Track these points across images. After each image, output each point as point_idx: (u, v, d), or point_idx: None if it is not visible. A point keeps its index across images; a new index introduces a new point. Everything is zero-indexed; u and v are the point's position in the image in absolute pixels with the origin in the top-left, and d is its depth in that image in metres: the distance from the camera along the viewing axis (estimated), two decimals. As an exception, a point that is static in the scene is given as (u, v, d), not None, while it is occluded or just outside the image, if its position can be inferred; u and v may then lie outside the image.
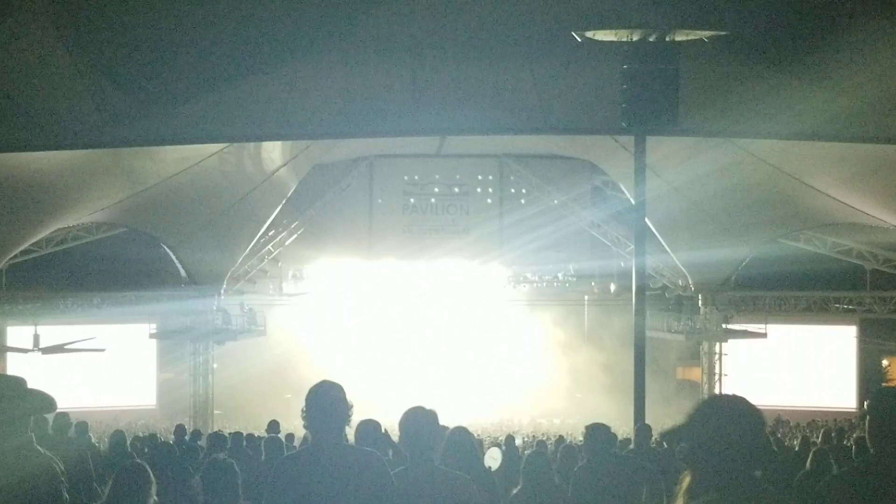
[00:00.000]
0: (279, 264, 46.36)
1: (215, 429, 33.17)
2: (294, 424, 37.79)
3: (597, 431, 10.17)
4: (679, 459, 4.09)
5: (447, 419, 11.12)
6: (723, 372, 42.64)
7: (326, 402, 5.96)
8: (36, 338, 37.70)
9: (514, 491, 9.06)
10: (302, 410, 5.98)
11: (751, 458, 4.25)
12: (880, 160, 27.49)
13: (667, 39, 20.25)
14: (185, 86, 23.07)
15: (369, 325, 46.85)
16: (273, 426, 16.89)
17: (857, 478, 5.31)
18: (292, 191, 41.92)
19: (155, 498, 6.80)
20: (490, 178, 48.18)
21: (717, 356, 42.90)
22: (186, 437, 19.08)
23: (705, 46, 20.95)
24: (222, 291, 40.40)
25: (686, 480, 5.35)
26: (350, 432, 7.01)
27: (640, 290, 22.49)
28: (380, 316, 47.19)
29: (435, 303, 47.37)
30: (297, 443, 18.72)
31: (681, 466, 4.64)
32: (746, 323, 42.86)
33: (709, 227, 37.12)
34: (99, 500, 6.76)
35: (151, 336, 42.74)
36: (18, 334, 38.81)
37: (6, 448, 5.92)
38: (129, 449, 15.57)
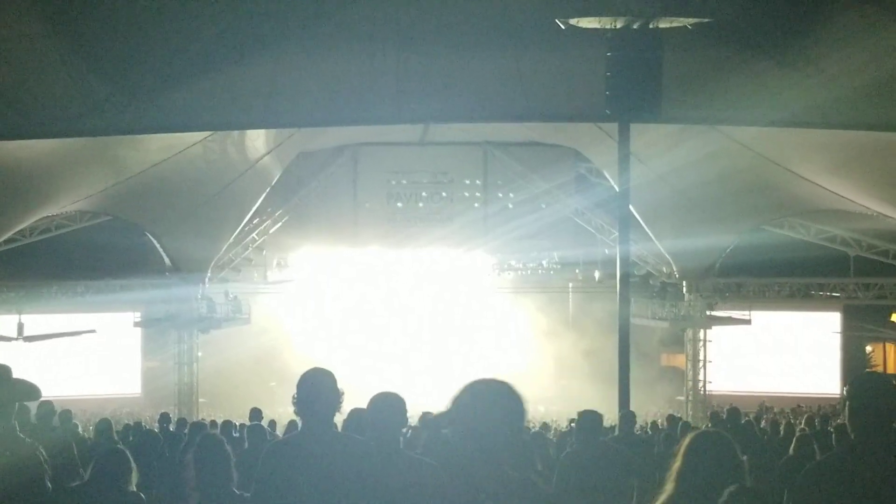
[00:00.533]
0: (264, 252, 46.34)
1: (200, 416, 33.18)
2: (279, 412, 37.71)
3: (586, 418, 10.15)
4: (445, 443, 4.07)
5: (431, 407, 11.15)
6: (707, 359, 42.74)
7: (317, 389, 6.01)
8: (20, 326, 37.60)
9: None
10: (293, 397, 6.02)
11: (514, 444, 4.24)
12: (864, 147, 27.56)
13: (650, 27, 20.26)
14: (168, 74, 23.02)
15: (354, 314, 46.83)
16: (255, 414, 16.88)
17: (839, 464, 5.34)
18: (276, 179, 41.88)
19: (134, 487, 6.79)
20: (474, 166, 48.11)
21: (701, 343, 42.96)
22: (171, 426, 19.09)
23: (689, 34, 20.96)
24: (207, 280, 40.36)
25: (677, 464, 5.40)
26: (340, 420, 7.02)
27: (624, 278, 22.55)
28: (364, 304, 47.18)
29: (420, 291, 47.38)
30: (279, 430, 18.72)
31: (665, 454, 4.66)
32: (731, 310, 42.95)
33: (693, 215, 37.16)
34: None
35: (136, 324, 42.67)
36: (2, 323, 38.65)
37: None
38: (115, 437, 15.57)
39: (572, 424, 20.11)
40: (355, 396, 7.79)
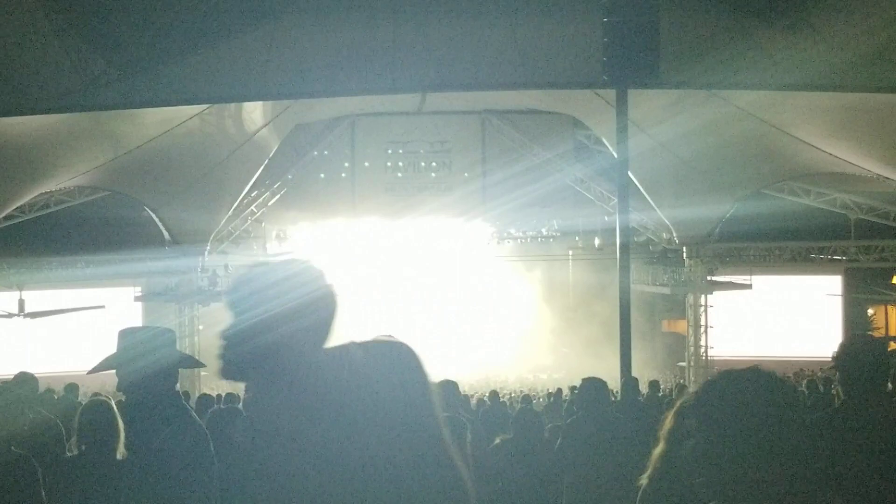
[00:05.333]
0: (263, 225, 46.28)
1: (203, 391, 33.23)
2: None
3: (589, 386, 10.08)
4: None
5: (434, 376, 11.14)
6: (708, 324, 42.77)
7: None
8: (21, 303, 37.61)
9: (497, 440, 9.06)
10: None
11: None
12: (864, 109, 27.45)
13: (647, -9, 20.14)
14: (164, 47, 22.94)
15: (353, 284, 46.83)
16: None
17: (826, 424, 5.38)
18: (274, 151, 41.79)
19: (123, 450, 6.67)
20: (473, 134, 47.96)
21: (702, 308, 42.99)
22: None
23: (686, -2, 20.90)
24: (206, 253, 40.35)
25: (668, 425, 5.37)
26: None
27: (624, 247, 22.48)
28: (364, 275, 47.18)
29: (420, 261, 47.34)
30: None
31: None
32: (731, 275, 42.95)
33: (693, 181, 37.06)
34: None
35: (136, 299, 42.68)
36: (3, 300, 38.66)
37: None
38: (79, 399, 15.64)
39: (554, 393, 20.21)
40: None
